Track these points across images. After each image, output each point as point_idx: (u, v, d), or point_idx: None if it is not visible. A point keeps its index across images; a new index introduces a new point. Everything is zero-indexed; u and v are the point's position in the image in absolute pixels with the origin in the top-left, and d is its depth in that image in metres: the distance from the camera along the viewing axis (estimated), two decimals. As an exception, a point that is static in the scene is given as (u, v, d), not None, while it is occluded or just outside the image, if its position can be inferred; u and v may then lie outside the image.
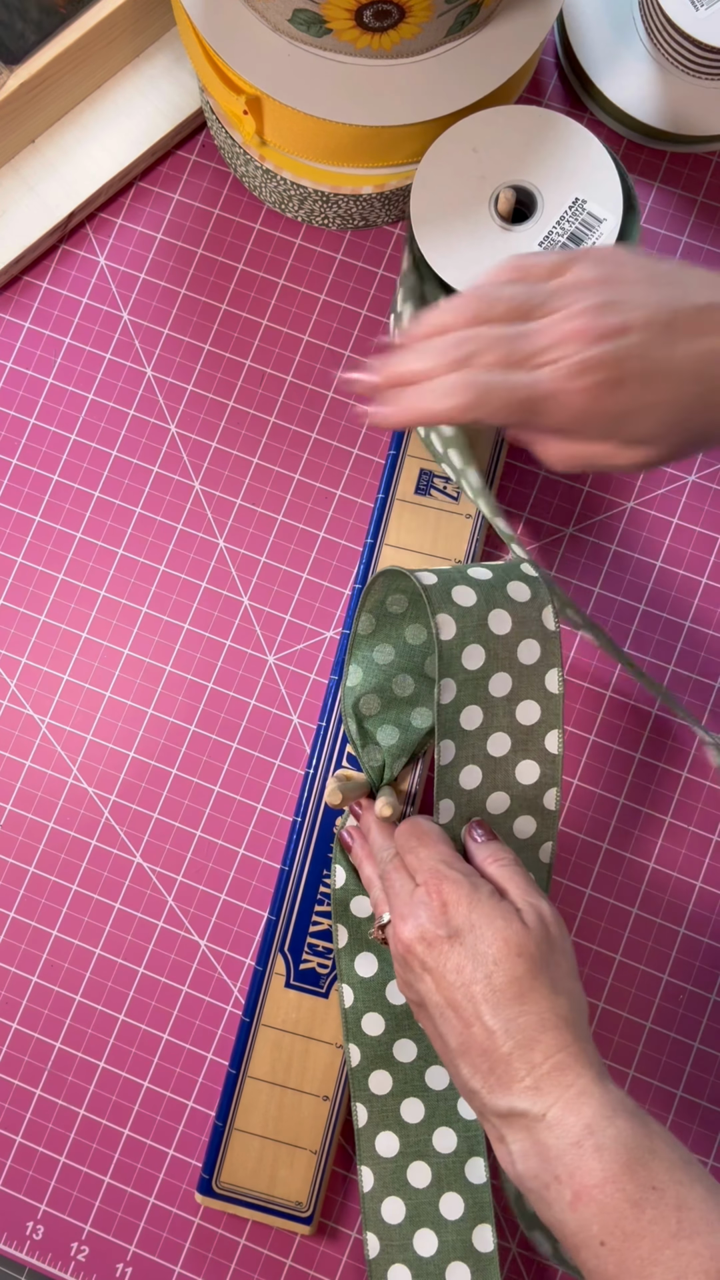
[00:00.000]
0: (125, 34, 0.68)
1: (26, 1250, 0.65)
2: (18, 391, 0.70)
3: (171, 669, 0.68)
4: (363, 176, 0.64)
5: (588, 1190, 0.46)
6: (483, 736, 0.56)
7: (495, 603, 0.55)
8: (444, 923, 0.50)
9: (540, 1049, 0.48)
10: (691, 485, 0.69)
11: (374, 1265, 0.59)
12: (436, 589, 0.55)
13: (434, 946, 0.50)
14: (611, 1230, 0.45)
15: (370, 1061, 0.60)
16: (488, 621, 0.55)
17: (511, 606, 0.55)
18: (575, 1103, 0.47)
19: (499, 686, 0.55)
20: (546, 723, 0.56)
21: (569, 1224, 0.46)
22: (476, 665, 0.55)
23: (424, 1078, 0.60)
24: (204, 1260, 0.64)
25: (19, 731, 0.68)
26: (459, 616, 0.54)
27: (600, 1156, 0.46)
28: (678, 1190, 0.45)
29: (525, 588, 0.56)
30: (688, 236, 0.70)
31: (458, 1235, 0.59)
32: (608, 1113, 0.46)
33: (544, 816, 0.57)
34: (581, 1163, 0.46)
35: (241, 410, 0.70)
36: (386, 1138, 0.60)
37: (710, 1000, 0.65)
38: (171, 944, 0.66)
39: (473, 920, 0.50)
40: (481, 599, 0.55)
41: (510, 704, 0.56)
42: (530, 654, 0.56)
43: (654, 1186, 0.45)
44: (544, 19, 0.60)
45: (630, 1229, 0.45)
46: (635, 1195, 0.45)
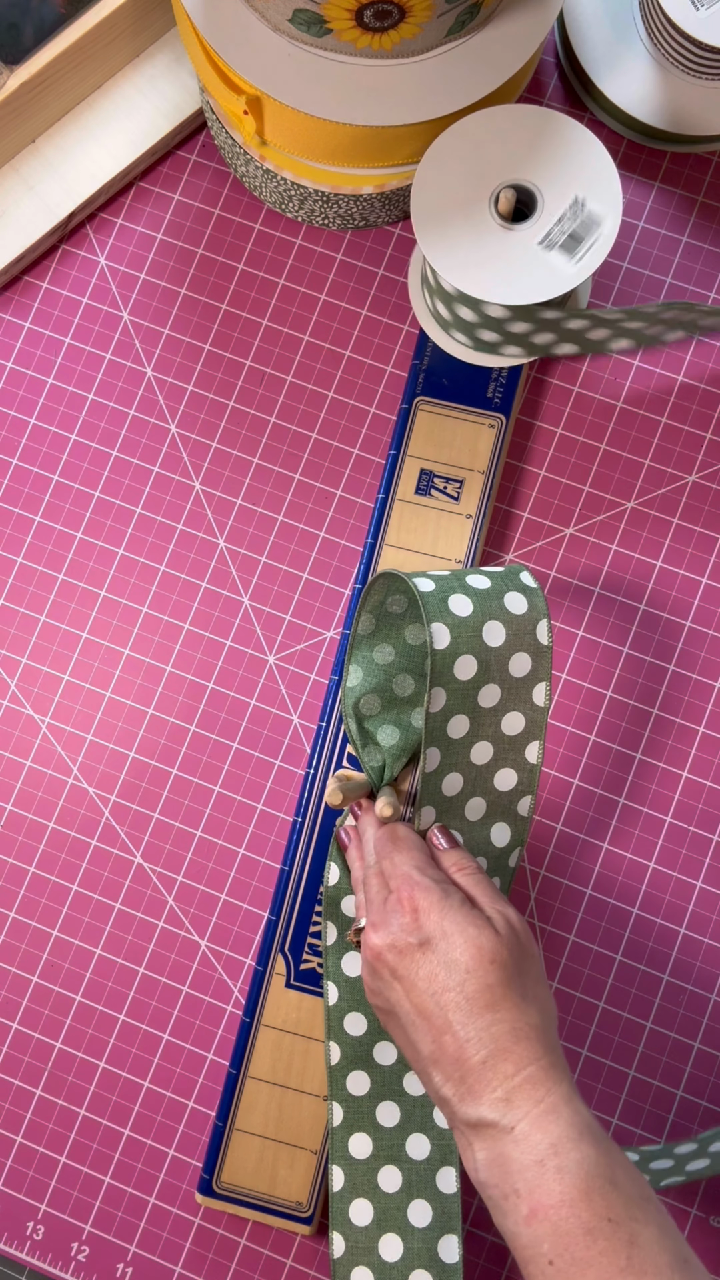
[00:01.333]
0: (125, 34, 0.68)
1: (27, 1250, 0.65)
2: (18, 391, 0.70)
3: (172, 669, 0.68)
4: (363, 176, 0.64)
5: (544, 1209, 0.46)
6: (467, 745, 0.56)
7: (491, 614, 0.55)
8: (415, 930, 0.50)
9: (512, 1060, 0.48)
10: (692, 485, 0.69)
11: (338, 1265, 0.59)
12: (433, 597, 0.55)
13: (405, 954, 0.51)
14: (561, 1253, 0.45)
15: (350, 1061, 0.60)
16: (482, 633, 0.55)
17: (507, 618, 0.56)
18: (543, 1120, 0.47)
19: (488, 698, 0.56)
20: (529, 734, 0.57)
21: (521, 1237, 0.46)
22: (468, 676, 0.55)
23: (402, 1082, 0.60)
24: (204, 1260, 0.64)
25: (19, 731, 0.68)
26: (454, 626, 0.54)
27: (561, 1179, 0.46)
28: (632, 1226, 0.45)
29: (523, 599, 0.56)
30: (688, 236, 0.70)
31: (424, 1243, 0.58)
32: (574, 1135, 0.47)
33: (516, 822, 0.58)
34: (542, 1181, 0.46)
35: (242, 410, 0.70)
36: (360, 1139, 0.60)
37: (710, 1000, 0.65)
38: (172, 944, 0.66)
39: (444, 928, 0.50)
40: (478, 609, 0.55)
41: (497, 715, 0.56)
42: (521, 667, 0.56)
43: (610, 1218, 0.45)
44: (544, 19, 0.60)
45: (580, 1255, 0.45)
46: (590, 1223, 0.45)
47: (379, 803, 0.58)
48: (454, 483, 0.66)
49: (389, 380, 0.70)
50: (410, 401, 0.66)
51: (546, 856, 0.66)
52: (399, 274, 0.70)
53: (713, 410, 0.69)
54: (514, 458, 0.69)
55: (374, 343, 0.70)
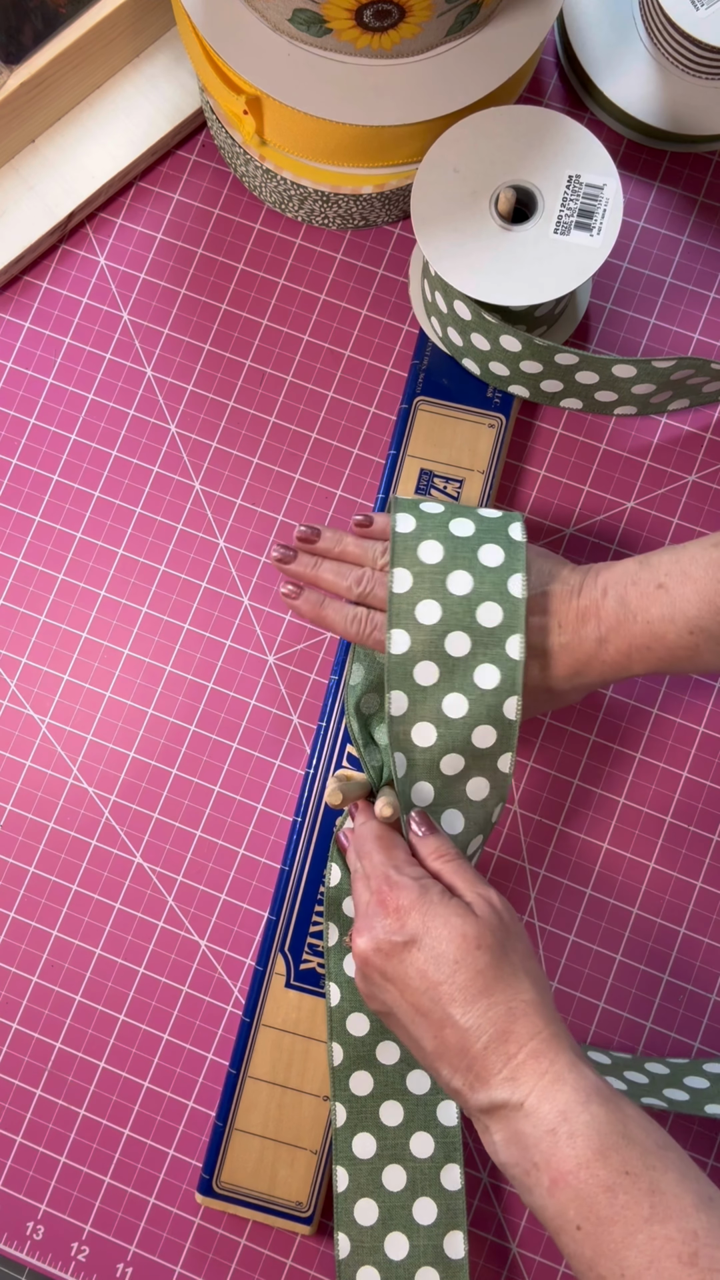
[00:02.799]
0: (125, 34, 0.68)
1: (27, 1250, 0.65)
2: (18, 391, 0.70)
3: (171, 669, 0.68)
4: (363, 176, 0.64)
5: (563, 1176, 0.46)
6: (438, 695, 0.56)
7: (460, 564, 0.57)
8: (399, 930, 0.51)
9: (514, 1039, 0.49)
10: (692, 485, 0.69)
11: (343, 1266, 0.59)
12: (407, 539, 0.57)
13: (392, 956, 0.51)
14: (586, 1215, 0.46)
15: (352, 1062, 0.60)
16: (447, 581, 0.56)
17: (478, 570, 0.57)
18: (550, 1090, 0.48)
19: (457, 646, 0.56)
20: (505, 689, 0.56)
21: (548, 1209, 0.47)
22: (432, 620, 0.56)
23: (405, 1081, 0.60)
24: (204, 1260, 0.64)
25: (19, 731, 0.68)
26: (418, 574, 0.56)
27: (574, 1143, 0.47)
28: (650, 1175, 0.46)
29: (500, 552, 0.57)
30: (688, 236, 0.70)
31: (429, 1240, 0.59)
32: (581, 1098, 0.47)
33: (496, 777, 0.57)
34: (556, 1149, 0.47)
35: (242, 410, 0.70)
36: (363, 1139, 0.60)
37: (710, 1000, 0.65)
38: (172, 944, 0.66)
39: (427, 923, 0.51)
40: (448, 557, 0.57)
41: (469, 665, 0.56)
42: (491, 617, 0.56)
43: (627, 1171, 0.46)
44: (544, 19, 0.60)
45: (604, 1214, 0.46)
46: (608, 1180, 0.46)
47: (379, 803, 0.58)
48: (454, 483, 0.66)
49: (389, 380, 0.70)
50: (410, 401, 0.66)
51: (546, 856, 0.66)
52: (399, 274, 0.70)
53: (713, 410, 0.69)
54: (514, 458, 0.69)
55: (374, 342, 0.70)
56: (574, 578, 0.58)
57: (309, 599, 0.61)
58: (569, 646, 0.57)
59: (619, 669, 0.57)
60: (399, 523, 0.58)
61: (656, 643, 0.56)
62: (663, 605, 0.55)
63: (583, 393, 0.64)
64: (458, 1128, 0.60)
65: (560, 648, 0.57)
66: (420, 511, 0.59)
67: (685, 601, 0.55)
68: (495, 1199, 0.64)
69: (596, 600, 0.57)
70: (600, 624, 0.56)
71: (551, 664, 0.57)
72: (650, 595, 0.55)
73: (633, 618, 0.56)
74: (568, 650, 0.57)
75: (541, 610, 0.57)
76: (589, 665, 0.57)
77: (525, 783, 0.67)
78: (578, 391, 0.64)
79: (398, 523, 0.58)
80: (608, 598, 0.56)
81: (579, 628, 0.57)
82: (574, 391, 0.64)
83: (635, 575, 0.56)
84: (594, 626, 0.56)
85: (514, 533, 0.58)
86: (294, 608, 0.61)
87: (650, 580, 0.56)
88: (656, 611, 0.55)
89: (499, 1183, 0.64)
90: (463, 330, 0.63)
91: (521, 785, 0.67)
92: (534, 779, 0.67)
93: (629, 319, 0.70)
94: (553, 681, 0.58)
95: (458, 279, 0.60)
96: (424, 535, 0.58)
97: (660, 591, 0.55)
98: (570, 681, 0.58)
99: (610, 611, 0.56)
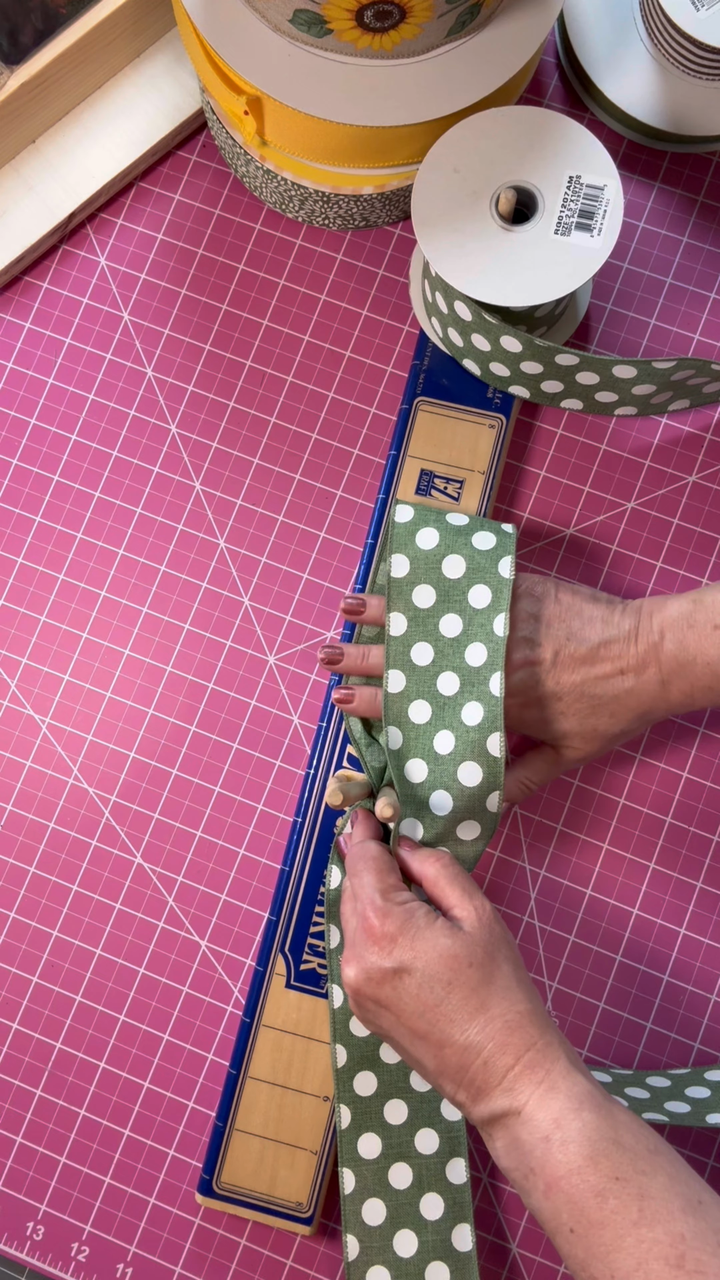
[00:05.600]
0: (125, 34, 0.68)
1: (27, 1251, 0.65)
2: (18, 392, 0.70)
3: (172, 669, 0.68)
4: (363, 177, 0.64)
5: (557, 1181, 0.48)
6: (433, 674, 0.59)
7: (455, 549, 0.59)
8: (387, 957, 0.52)
9: (511, 1051, 0.50)
10: (692, 485, 0.69)
11: (352, 1268, 0.59)
12: (405, 529, 0.60)
13: (384, 983, 0.52)
14: (578, 1219, 0.47)
15: (356, 1063, 0.60)
16: (442, 566, 0.59)
17: (470, 553, 0.59)
18: (545, 1098, 0.49)
19: (450, 627, 0.59)
20: (492, 665, 0.58)
21: (544, 1212, 0.49)
22: (427, 604, 0.59)
23: (408, 1079, 0.61)
24: (204, 1261, 0.64)
25: (19, 732, 0.68)
26: (414, 559, 0.59)
27: (566, 1150, 0.48)
28: (640, 1180, 0.47)
29: (491, 537, 0.60)
30: (688, 237, 0.70)
31: (437, 1235, 0.59)
32: (573, 1106, 0.49)
33: (488, 762, 0.58)
34: (550, 1156, 0.48)
35: (242, 411, 0.70)
36: (369, 1139, 0.60)
37: (710, 1000, 0.65)
38: (172, 944, 0.66)
39: (415, 948, 0.51)
40: (443, 543, 0.60)
41: (460, 646, 0.59)
42: (481, 598, 0.59)
43: (617, 1177, 0.47)
44: (544, 19, 0.60)
45: (595, 1217, 0.47)
46: (599, 1186, 0.47)
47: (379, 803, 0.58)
48: (454, 483, 0.66)
49: (389, 380, 0.70)
50: (410, 402, 0.66)
51: (546, 856, 0.66)
52: (399, 274, 0.70)
53: (713, 411, 0.69)
54: (514, 458, 0.69)
55: (374, 343, 0.70)
56: (626, 621, 0.59)
57: (364, 697, 0.62)
58: (634, 691, 0.58)
59: (684, 706, 0.59)
60: (394, 566, 0.60)
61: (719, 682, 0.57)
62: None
63: (583, 393, 0.64)
64: (461, 1122, 0.60)
65: (626, 693, 0.58)
66: (415, 550, 0.61)
67: None
68: (495, 1199, 0.64)
69: (654, 644, 0.58)
70: (661, 668, 0.58)
71: (620, 710, 0.59)
72: (708, 637, 0.57)
73: (693, 661, 0.57)
74: (633, 695, 0.58)
75: (603, 660, 0.58)
76: (655, 706, 0.59)
77: (525, 783, 0.67)
78: (578, 392, 0.64)
79: (393, 566, 0.60)
80: (665, 641, 0.58)
81: (641, 673, 0.58)
82: (574, 392, 0.64)
83: (690, 616, 0.58)
84: (655, 671, 0.58)
85: (503, 569, 0.60)
86: (352, 711, 0.62)
87: (707, 622, 0.57)
88: (715, 653, 0.57)
89: (499, 1183, 0.64)
90: (463, 331, 0.63)
91: (522, 785, 0.67)
92: (534, 779, 0.67)
93: (629, 320, 0.70)
94: (622, 725, 0.59)
95: (458, 279, 0.60)
96: (417, 580, 0.60)
97: (718, 633, 0.56)
98: (638, 723, 0.60)
99: (670, 655, 0.58)
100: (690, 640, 0.57)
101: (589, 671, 0.58)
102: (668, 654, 0.57)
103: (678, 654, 0.57)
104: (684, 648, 0.57)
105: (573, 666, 0.58)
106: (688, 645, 0.57)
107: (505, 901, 0.66)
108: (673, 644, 0.57)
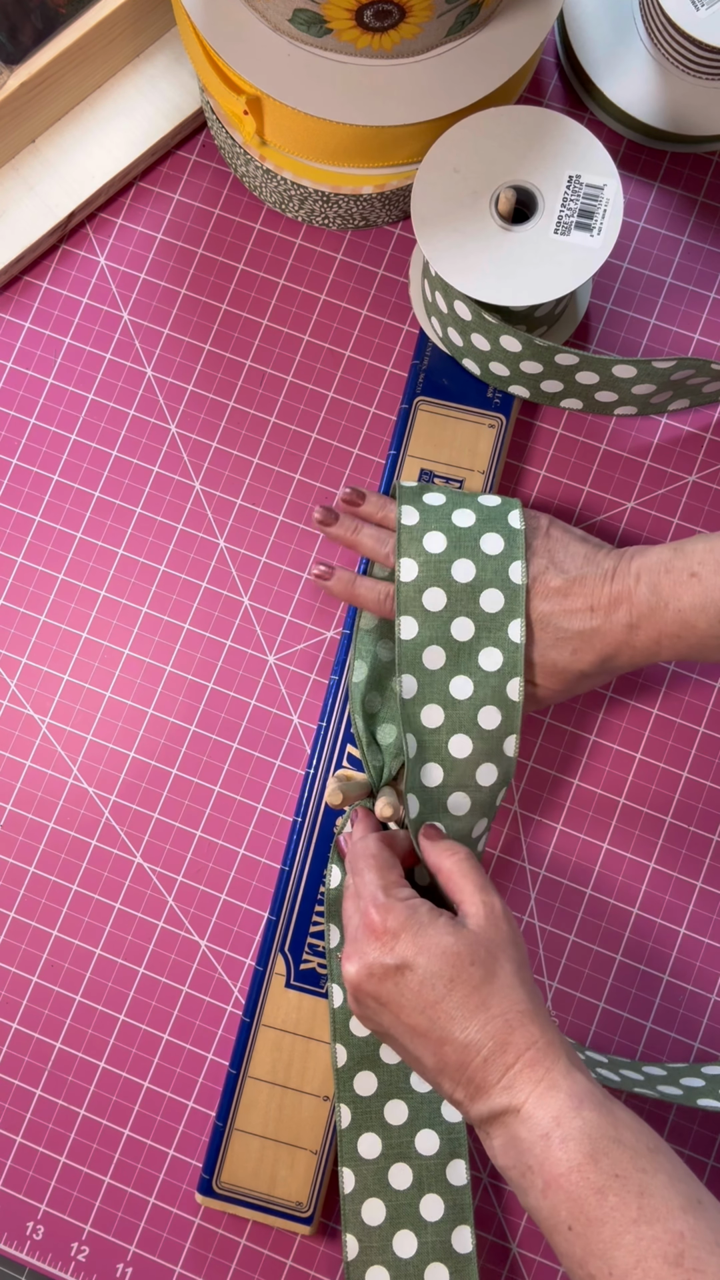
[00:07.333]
0: (125, 34, 0.68)
1: (27, 1250, 0.65)
2: (18, 391, 0.70)
3: (172, 669, 0.68)
4: (363, 176, 0.64)
5: (556, 1179, 0.48)
6: (445, 677, 0.58)
7: (464, 553, 0.59)
8: (389, 953, 0.51)
9: (512, 1049, 0.50)
10: (692, 485, 0.69)
11: (351, 1267, 0.59)
12: (413, 531, 0.59)
13: (385, 979, 0.51)
14: (577, 1216, 0.47)
15: (356, 1062, 0.60)
16: (451, 570, 0.58)
17: (480, 559, 0.59)
18: (545, 1096, 0.49)
19: (461, 631, 0.58)
20: (509, 670, 0.58)
21: (542, 1210, 0.48)
22: (437, 608, 0.58)
23: (409, 1079, 0.60)
24: (204, 1260, 0.64)
25: (19, 731, 0.68)
26: (424, 563, 0.59)
27: (565, 1147, 0.48)
28: (640, 1178, 0.47)
29: (500, 540, 0.59)
30: (688, 237, 0.70)
31: (437, 1236, 0.59)
32: (574, 1104, 0.48)
33: (502, 762, 0.58)
34: (549, 1153, 0.48)
35: (242, 410, 0.70)
36: (369, 1139, 0.60)
37: (710, 1000, 0.65)
38: (172, 944, 0.66)
39: (418, 945, 0.51)
40: (451, 546, 0.59)
41: (473, 649, 0.58)
42: (493, 603, 0.58)
43: (617, 1174, 0.47)
44: (544, 19, 0.60)
45: (594, 1215, 0.47)
46: (598, 1183, 0.47)
47: (379, 803, 0.58)
48: (454, 483, 0.66)
49: (389, 380, 0.70)
50: (410, 401, 0.66)
51: (546, 856, 0.66)
52: (399, 274, 0.70)
53: (713, 410, 0.69)
54: (514, 458, 0.69)
55: (374, 343, 0.70)
56: (608, 562, 0.58)
57: (341, 579, 0.62)
58: (600, 631, 0.57)
59: (648, 655, 0.58)
60: (404, 515, 0.60)
61: (687, 631, 0.56)
62: (695, 594, 0.56)
63: (583, 393, 0.64)
64: (462, 1123, 0.60)
65: (592, 632, 0.58)
66: (424, 504, 0.60)
67: (717, 591, 0.55)
68: (495, 1199, 0.64)
69: (629, 586, 0.57)
70: (632, 610, 0.57)
71: (583, 648, 0.58)
72: (683, 583, 0.56)
73: (664, 605, 0.56)
74: (599, 635, 0.58)
75: (576, 594, 0.58)
76: (620, 651, 0.58)
77: (525, 783, 0.67)
78: (578, 392, 0.64)
79: (403, 515, 0.60)
80: (640, 584, 0.57)
81: (611, 613, 0.57)
82: (574, 392, 0.64)
83: (669, 563, 0.57)
84: (625, 612, 0.57)
85: (513, 520, 0.60)
86: (326, 588, 0.62)
87: (683, 568, 0.56)
88: (688, 600, 0.56)
89: (499, 1183, 0.64)
90: (463, 330, 0.63)
91: (522, 785, 0.67)
92: (534, 779, 0.67)
93: (629, 319, 0.70)
94: (584, 665, 0.58)
95: (458, 279, 0.60)
96: (428, 526, 0.59)
97: (693, 580, 0.56)
98: (601, 666, 0.59)
99: (642, 599, 0.57)
100: (665, 585, 0.56)
101: (560, 603, 0.58)
102: (640, 597, 0.57)
103: (650, 598, 0.56)
104: (657, 592, 0.56)
105: (546, 595, 0.58)
106: (661, 590, 0.56)
107: (505, 901, 0.66)
108: (647, 588, 0.57)
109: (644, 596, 0.57)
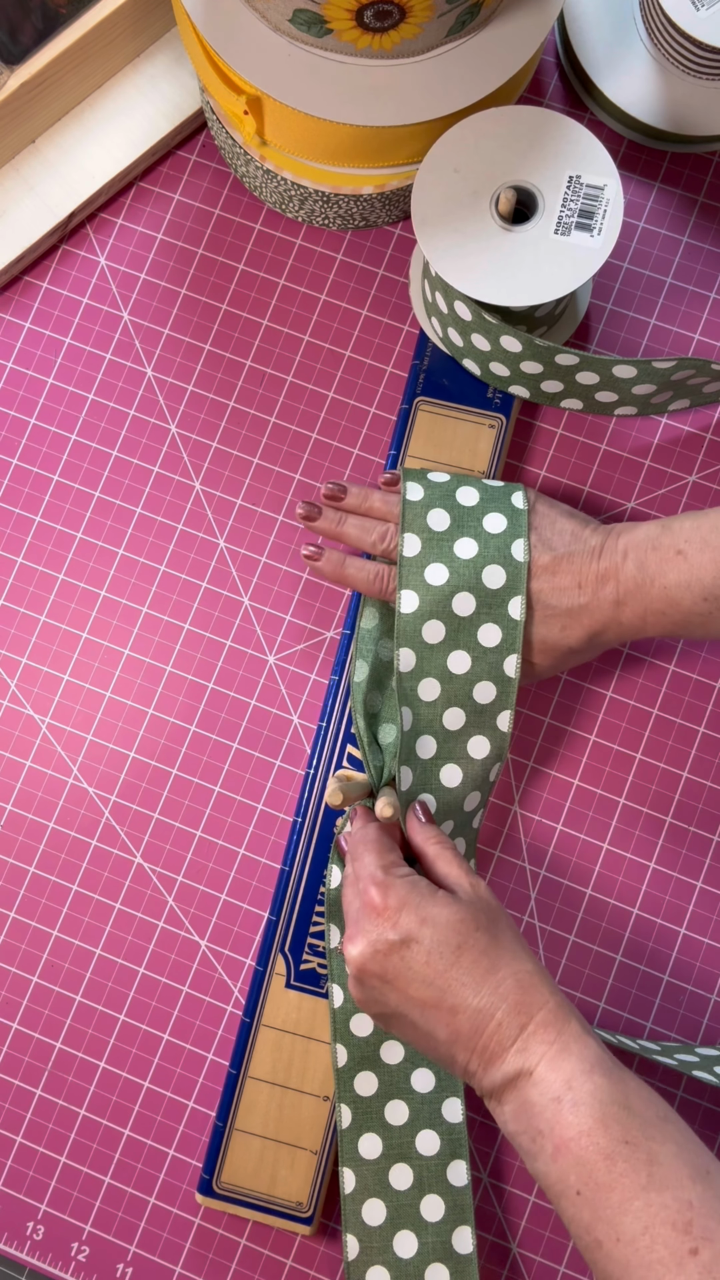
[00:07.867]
0: (125, 34, 0.68)
1: (27, 1250, 0.65)
2: (18, 391, 0.70)
3: (172, 669, 0.68)
4: (363, 177, 0.64)
5: (565, 1143, 0.48)
6: (444, 652, 0.59)
7: (466, 531, 0.60)
8: (393, 929, 0.51)
9: (525, 1010, 0.50)
10: (692, 485, 0.69)
11: (352, 1267, 0.59)
12: (416, 507, 0.60)
13: (391, 955, 0.51)
14: (585, 1181, 0.47)
15: (357, 1063, 0.60)
16: (454, 546, 0.59)
17: (482, 537, 0.59)
18: (557, 1059, 0.49)
19: (462, 606, 0.59)
20: (506, 647, 0.59)
21: (551, 1174, 0.48)
22: (439, 582, 0.59)
23: (409, 1080, 0.60)
24: (204, 1260, 0.64)
25: (19, 731, 0.68)
26: (427, 540, 0.59)
27: (576, 1111, 0.48)
28: (650, 1146, 0.47)
29: (503, 519, 0.60)
30: (688, 237, 0.70)
31: (437, 1237, 0.59)
32: (585, 1068, 0.49)
33: (495, 736, 0.59)
34: (560, 1117, 0.48)
35: (242, 410, 0.70)
36: (370, 1139, 0.60)
37: (710, 1000, 0.65)
38: (172, 944, 0.66)
39: (421, 916, 0.51)
40: (454, 524, 0.60)
41: (472, 625, 0.59)
42: (495, 579, 0.59)
43: (627, 1141, 0.47)
44: (544, 19, 0.60)
45: (602, 1180, 0.47)
46: (608, 1149, 0.47)
47: (379, 803, 0.58)
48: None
49: (389, 380, 0.70)
50: (410, 401, 0.66)
51: (546, 856, 0.66)
52: (399, 274, 0.70)
53: (713, 410, 0.69)
54: (514, 458, 0.69)
55: (374, 343, 0.70)
56: (595, 538, 0.59)
57: (330, 559, 0.62)
58: (588, 608, 0.58)
59: (635, 631, 0.59)
60: (408, 491, 0.61)
61: (672, 608, 0.57)
62: (680, 571, 0.56)
63: (583, 393, 0.64)
64: (463, 1124, 0.60)
65: (580, 608, 0.58)
66: (428, 481, 0.61)
67: (702, 569, 0.56)
68: (496, 1199, 0.64)
69: (617, 563, 0.58)
70: (619, 587, 0.57)
71: (572, 624, 0.59)
72: (669, 561, 0.56)
73: (650, 582, 0.57)
74: (587, 611, 0.58)
75: (564, 571, 0.59)
76: (607, 627, 0.59)
77: (525, 783, 0.67)
78: (578, 392, 0.64)
79: (407, 491, 0.61)
80: (627, 561, 0.58)
81: (598, 589, 0.58)
82: (574, 392, 0.64)
83: (656, 540, 0.57)
84: (612, 589, 0.58)
85: (516, 501, 0.61)
86: (315, 568, 0.63)
87: (670, 546, 0.57)
88: (674, 577, 0.56)
89: (500, 1183, 0.64)
90: (463, 331, 0.63)
91: (521, 785, 0.67)
92: (534, 778, 0.67)
93: (629, 319, 0.70)
94: (572, 641, 0.59)
95: (458, 279, 0.60)
96: (432, 503, 0.60)
97: (679, 558, 0.56)
98: (588, 641, 0.59)
99: (629, 575, 0.57)
100: (651, 562, 0.57)
101: (548, 580, 0.59)
102: (627, 574, 0.57)
103: (636, 575, 0.57)
104: (643, 569, 0.57)
105: (534, 572, 0.59)
106: (648, 566, 0.57)
107: (505, 901, 0.66)
108: (633, 564, 0.57)
109: (631, 573, 0.57)
